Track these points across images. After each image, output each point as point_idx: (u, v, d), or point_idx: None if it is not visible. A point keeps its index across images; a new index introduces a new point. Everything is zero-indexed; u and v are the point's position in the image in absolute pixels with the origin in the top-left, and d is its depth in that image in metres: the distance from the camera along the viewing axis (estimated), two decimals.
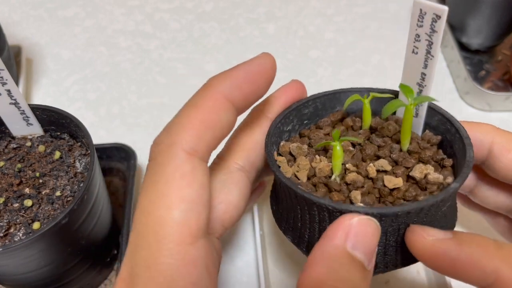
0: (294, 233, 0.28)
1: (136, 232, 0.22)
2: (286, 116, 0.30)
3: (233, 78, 0.24)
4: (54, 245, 0.31)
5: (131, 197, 0.42)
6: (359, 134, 0.29)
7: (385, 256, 0.26)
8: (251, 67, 0.25)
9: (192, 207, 0.22)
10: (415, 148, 0.28)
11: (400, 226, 0.24)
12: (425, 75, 0.26)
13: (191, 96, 0.25)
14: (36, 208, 0.32)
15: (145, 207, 0.22)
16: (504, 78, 0.54)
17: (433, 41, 0.25)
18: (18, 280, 0.33)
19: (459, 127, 0.27)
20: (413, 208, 0.23)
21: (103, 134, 0.52)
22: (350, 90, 0.31)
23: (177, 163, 0.22)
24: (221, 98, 0.24)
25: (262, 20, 0.65)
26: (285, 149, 0.30)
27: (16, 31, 0.64)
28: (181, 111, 0.24)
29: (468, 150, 0.26)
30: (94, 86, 0.57)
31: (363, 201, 0.26)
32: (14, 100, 0.33)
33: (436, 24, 0.24)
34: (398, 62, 0.59)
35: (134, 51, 0.61)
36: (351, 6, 0.66)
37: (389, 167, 0.27)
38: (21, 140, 0.36)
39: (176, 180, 0.22)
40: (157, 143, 0.23)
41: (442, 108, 0.29)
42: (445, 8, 0.23)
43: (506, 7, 0.50)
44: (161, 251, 0.21)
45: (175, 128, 0.23)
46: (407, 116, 0.27)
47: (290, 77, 0.58)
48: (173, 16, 0.66)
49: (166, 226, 0.21)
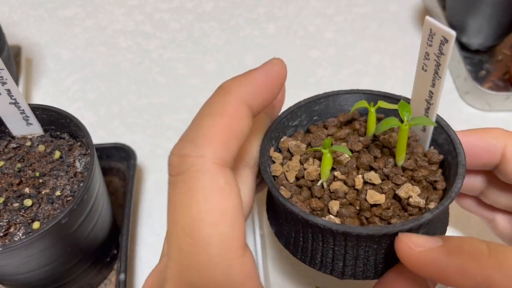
0: (279, 230, 0.29)
1: (182, 254, 0.21)
2: (293, 112, 0.30)
3: (252, 84, 0.24)
4: (54, 244, 0.31)
5: (131, 197, 0.42)
6: (359, 141, 0.29)
7: (355, 268, 0.26)
8: (268, 72, 0.25)
9: (235, 219, 0.21)
10: (411, 165, 0.27)
11: (368, 244, 0.24)
12: (433, 94, 0.26)
13: (207, 102, 0.24)
14: (36, 208, 0.32)
15: (188, 226, 0.21)
16: (504, 78, 0.54)
17: (440, 62, 0.24)
18: (18, 280, 0.33)
19: (459, 152, 0.26)
20: (375, 232, 0.23)
21: (103, 134, 0.52)
22: (364, 92, 0.30)
23: (211, 177, 0.21)
24: (242, 105, 0.23)
25: (262, 20, 0.65)
26: (285, 145, 0.30)
27: (16, 31, 0.64)
28: (200, 120, 0.23)
29: (457, 180, 0.25)
30: (94, 86, 0.57)
31: (339, 212, 0.26)
32: (14, 100, 0.33)
33: (444, 47, 0.23)
34: (398, 62, 0.59)
35: (134, 51, 0.61)
36: (351, 6, 0.66)
37: (378, 181, 0.27)
38: (21, 140, 0.36)
39: (214, 194, 0.21)
40: (182, 155, 0.22)
41: (450, 127, 0.28)
42: (453, 33, 0.23)
43: (506, 7, 0.50)
44: (217, 269, 0.21)
45: (202, 139, 0.22)
46: (402, 135, 0.26)
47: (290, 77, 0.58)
48: (173, 16, 0.66)
49: (215, 244, 0.21)
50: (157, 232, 0.45)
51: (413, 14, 0.65)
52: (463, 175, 0.25)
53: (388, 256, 0.25)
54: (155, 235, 0.45)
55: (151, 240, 0.44)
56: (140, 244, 0.44)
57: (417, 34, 0.62)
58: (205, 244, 0.21)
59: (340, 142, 0.29)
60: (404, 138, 0.26)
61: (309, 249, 0.27)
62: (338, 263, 0.26)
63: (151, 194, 0.47)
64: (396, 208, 0.26)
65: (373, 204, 0.26)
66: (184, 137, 0.23)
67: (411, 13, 0.65)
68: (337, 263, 0.26)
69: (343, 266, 0.26)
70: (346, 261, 0.26)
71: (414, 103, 0.28)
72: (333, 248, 0.25)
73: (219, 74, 0.58)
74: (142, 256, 0.43)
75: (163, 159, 0.50)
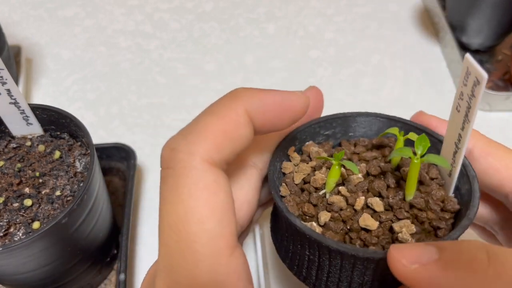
0: (274, 232, 0.29)
1: (169, 251, 0.21)
2: (327, 121, 0.30)
3: (261, 100, 0.23)
4: (54, 244, 0.31)
5: (131, 197, 0.42)
6: (379, 166, 0.28)
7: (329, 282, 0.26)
8: (284, 100, 0.24)
9: (223, 217, 0.21)
10: (420, 204, 0.26)
11: (344, 262, 0.24)
12: (461, 138, 0.24)
13: (214, 102, 0.24)
14: (36, 208, 0.32)
15: (175, 224, 0.21)
16: (504, 78, 0.54)
17: (471, 105, 0.23)
18: (18, 279, 0.33)
19: (472, 206, 0.25)
20: (350, 253, 0.22)
21: (103, 134, 0.52)
22: (405, 122, 0.29)
23: (199, 173, 0.21)
24: (244, 114, 0.23)
25: (262, 20, 0.65)
26: (307, 149, 0.29)
27: (16, 31, 0.64)
28: (200, 117, 0.23)
29: (455, 231, 0.24)
30: (94, 86, 0.57)
31: (327, 224, 0.26)
32: (14, 100, 0.33)
33: (475, 89, 0.22)
34: (398, 62, 0.59)
35: (134, 51, 0.61)
36: (351, 6, 0.66)
37: (380, 209, 0.26)
38: (21, 140, 0.36)
39: (201, 191, 0.21)
40: (173, 149, 0.22)
41: (477, 179, 0.26)
42: (485, 76, 0.21)
43: (507, 7, 0.50)
44: (203, 268, 0.20)
45: (195, 136, 0.22)
46: (412, 169, 0.25)
47: (290, 77, 0.58)
48: (173, 16, 0.66)
49: (202, 242, 0.20)
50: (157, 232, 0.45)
51: (413, 14, 0.65)
52: (463, 228, 0.24)
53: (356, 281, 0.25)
54: (155, 235, 0.44)
55: (151, 240, 0.44)
56: (140, 244, 0.44)
57: (417, 34, 0.62)
58: (191, 242, 0.20)
59: (362, 162, 0.29)
60: (414, 172, 0.25)
61: (290, 251, 0.27)
62: (311, 272, 0.26)
63: (151, 194, 0.47)
64: (384, 239, 0.25)
65: (364, 228, 0.25)
66: (180, 131, 0.23)
67: (411, 13, 0.65)
68: (310, 271, 0.26)
69: (315, 276, 0.26)
70: (318, 273, 0.25)
71: (446, 145, 0.26)
72: (308, 255, 0.25)
73: (219, 74, 0.58)
74: (142, 256, 0.43)
75: None
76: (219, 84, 0.57)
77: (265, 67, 0.59)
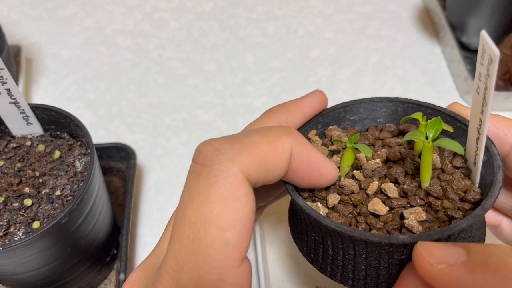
0: (290, 213, 0.30)
1: (182, 247, 0.21)
2: (354, 105, 0.29)
3: (307, 151, 0.24)
4: (53, 244, 0.31)
5: (131, 197, 0.42)
6: (399, 152, 0.27)
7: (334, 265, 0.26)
8: (322, 164, 0.25)
9: (244, 231, 0.21)
10: (437, 192, 0.25)
11: (344, 242, 0.24)
12: (481, 122, 0.23)
13: (266, 127, 0.24)
14: (36, 208, 0.32)
15: (196, 222, 0.21)
16: (505, 78, 0.54)
17: (487, 86, 0.22)
18: (18, 279, 0.33)
19: (491, 196, 0.23)
20: (347, 234, 0.22)
21: (103, 133, 0.52)
22: (436, 109, 0.29)
23: (234, 182, 0.21)
24: (288, 151, 0.23)
25: (262, 19, 0.65)
26: (330, 133, 0.29)
27: (16, 31, 0.64)
28: (250, 133, 0.23)
29: (463, 222, 0.23)
30: (94, 86, 0.57)
31: (335, 207, 0.26)
32: (14, 99, 0.33)
33: (490, 68, 0.21)
34: (398, 62, 0.59)
35: (134, 50, 0.61)
36: (351, 6, 0.66)
37: (394, 195, 0.25)
38: (21, 140, 0.36)
39: (232, 200, 0.21)
40: (216, 149, 0.22)
41: (502, 169, 0.24)
42: (497, 53, 0.20)
43: (507, 7, 0.50)
44: (211, 274, 0.20)
45: (241, 146, 0.22)
46: (425, 154, 0.24)
47: (290, 77, 0.58)
48: (173, 16, 0.66)
49: (217, 248, 0.20)
50: (157, 232, 0.45)
51: (413, 14, 0.65)
52: (474, 217, 0.23)
53: (368, 264, 0.24)
54: (155, 235, 0.45)
55: (151, 240, 0.44)
56: (140, 244, 0.44)
57: (417, 34, 0.62)
58: (207, 246, 0.20)
59: (384, 148, 0.28)
60: (427, 157, 0.24)
61: (298, 229, 0.27)
62: (318, 253, 0.26)
63: (151, 194, 0.47)
64: (392, 225, 0.24)
65: (373, 213, 0.25)
66: (226, 136, 0.23)
67: (411, 13, 0.65)
68: (317, 253, 0.26)
69: (321, 258, 0.26)
70: (324, 254, 0.25)
71: (470, 132, 0.25)
72: (314, 236, 0.25)
73: (219, 73, 0.58)
74: (142, 256, 0.43)
75: (163, 159, 0.50)
76: (219, 84, 0.57)
77: (265, 66, 0.59)
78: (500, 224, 0.32)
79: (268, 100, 0.55)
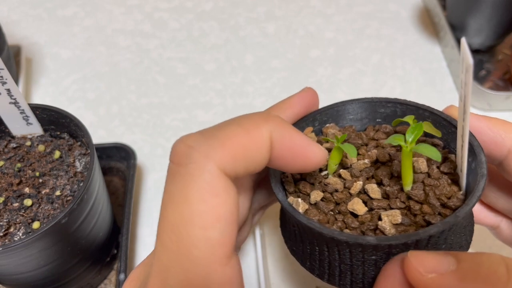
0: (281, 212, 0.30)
1: (166, 251, 0.21)
2: (354, 105, 0.29)
3: (289, 135, 0.23)
4: (53, 244, 0.31)
5: (131, 197, 0.42)
6: (389, 153, 0.27)
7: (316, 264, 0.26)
8: (307, 147, 0.24)
9: (227, 227, 0.20)
10: (418, 196, 0.25)
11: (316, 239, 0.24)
12: (463, 130, 0.23)
13: (243, 115, 0.23)
14: (35, 208, 0.32)
15: (177, 225, 0.20)
16: (505, 78, 0.54)
17: (465, 93, 0.22)
18: (17, 279, 0.33)
19: (467, 204, 0.23)
20: (317, 230, 0.22)
21: (103, 133, 0.52)
22: (434, 112, 0.28)
23: (211, 178, 0.20)
24: (268, 138, 0.22)
25: (262, 19, 0.65)
26: (326, 130, 0.29)
27: (16, 31, 0.64)
28: (226, 124, 0.22)
29: (432, 227, 0.23)
30: (94, 86, 0.57)
31: (316, 204, 0.26)
32: (14, 100, 0.33)
33: (466, 76, 0.21)
34: (398, 62, 0.59)
35: (134, 50, 0.61)
36: (351, 6, 0.66)
37: (376, 196, 0.25)
38: (21, 140, 0.36)
39: (210, 197, 0.20)
40: (190, 147, 0.21)
41: (485, 177, 0.24)
42: (470, 62, 0.20)
43: (507, 7, 0.50)
44: (197, 274, 0.20)
45: (215, 141, 0.21)
46: (404, 158, 0.24)
47: (290, 77, 0.58)
48: (173, 16, 0.66)
49: (201, 247, 0.20)
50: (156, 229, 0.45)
51: (413, 14, 0.65)
52: (445, 224, 0.22)
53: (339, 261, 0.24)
54: (155, 235, 0.44)
55: (151, 240, 0.44)
56: (140, 244, 0.44)
57: (417, 34, 0.62)
58: (190, 246, 0.20)
59: (377, 149, 0.28)
60: (406, 161, 0.24)
61: (283, 221, 0.28)
62: (299, 248, 0.26)
63: (151, 194, 0.47)
64: (368, 226, 0.24)
65: (352, 212, 0.25)
66: (201, 131, 0.22)
67: (411, 13, 0.65)
68: (298, 247, 0.26)
69: (302, 252, 0.26)
70: (304, 249, 0.26)
71: (458, 138, 0.25)
72: (294, 230, 0.26)
73: (219, 73, 0.58)
74: (142, 256, 0.43)
75: (163, 159, 0.50)
76: (219, 84, 0.57)
77: (265, 66, 0.59)
78: (500, 225, 0.32)
79: (268, 100, 0.55)
